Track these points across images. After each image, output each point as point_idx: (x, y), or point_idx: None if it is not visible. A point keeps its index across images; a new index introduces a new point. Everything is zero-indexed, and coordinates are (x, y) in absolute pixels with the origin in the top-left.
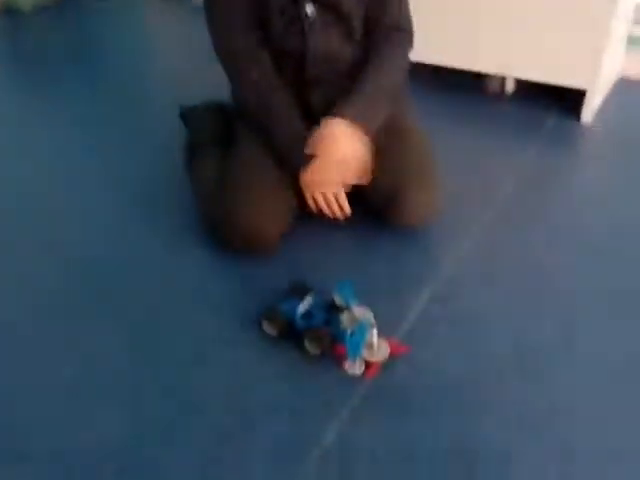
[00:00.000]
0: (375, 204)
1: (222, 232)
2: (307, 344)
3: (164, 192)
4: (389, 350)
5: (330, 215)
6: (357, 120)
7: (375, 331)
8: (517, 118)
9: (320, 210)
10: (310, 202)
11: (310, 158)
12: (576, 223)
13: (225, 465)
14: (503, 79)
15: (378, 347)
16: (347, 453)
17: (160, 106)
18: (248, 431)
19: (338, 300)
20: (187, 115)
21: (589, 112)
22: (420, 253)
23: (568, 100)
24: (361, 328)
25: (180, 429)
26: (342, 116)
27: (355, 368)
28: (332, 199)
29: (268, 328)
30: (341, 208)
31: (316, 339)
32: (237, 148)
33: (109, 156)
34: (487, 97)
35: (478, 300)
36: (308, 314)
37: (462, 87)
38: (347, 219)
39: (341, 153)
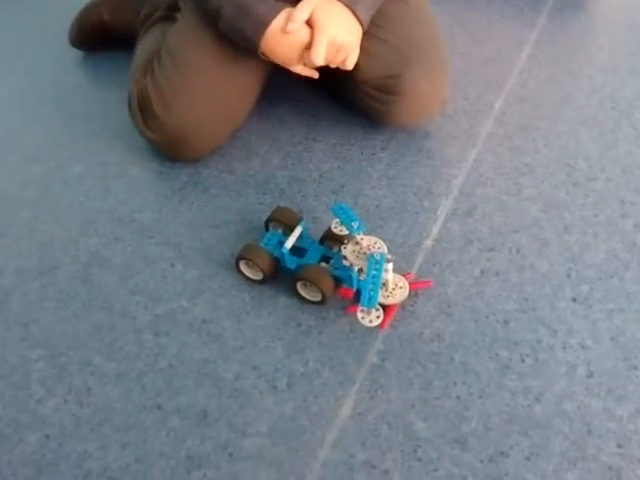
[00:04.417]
0: (366, 95)
1: (141, 125)
2: (301, 289)
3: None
4: (408, 288)
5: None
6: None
7: (391, 266)
8: None
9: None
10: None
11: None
12: (600, 95)
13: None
14: None
15: (394, 285)
16: (366, 431)
17: None
18: (238, 412)
19: (337, 228)
20: None
21: None
22: (424, 159)
23: None
24: (377, 264)
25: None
26: None
27: (371, 317)
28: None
29: (248, 271)
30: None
31: (314, 281)
32: (180, 24)
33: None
34: None
35: (505, 212)
36: (297, 250)
37: None
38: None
39: (340, 37)
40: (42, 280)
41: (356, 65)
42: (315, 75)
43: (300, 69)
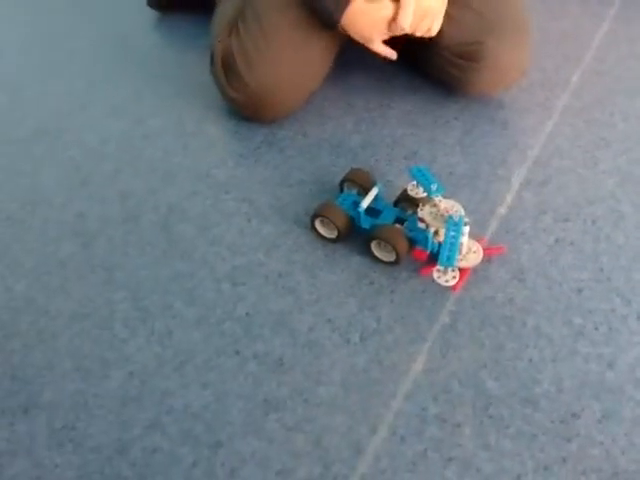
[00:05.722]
0: (445, 61)
1: (223, 84)
2: (375, 248)
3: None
4: (481, 253)
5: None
6: None
7: (467, 229)
8: None
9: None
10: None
11: None
12: None
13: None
14: None
15: (468, 249)
16: (437, 386)
17: None
18: (313, 366)
19: (413, 191)
20: None
21: None
22: (498, 129)
23: None
24: (455, 225)
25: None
26: None
27: (447, 276)
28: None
29: (323, 229)
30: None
31: (389, 240)
32: None
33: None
34: None
35: (581, 184)
36: (372, 211)
37: None
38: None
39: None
40: (124, 228)
41: (438, 31)
42: (394, 56)
43: (380, 48)
